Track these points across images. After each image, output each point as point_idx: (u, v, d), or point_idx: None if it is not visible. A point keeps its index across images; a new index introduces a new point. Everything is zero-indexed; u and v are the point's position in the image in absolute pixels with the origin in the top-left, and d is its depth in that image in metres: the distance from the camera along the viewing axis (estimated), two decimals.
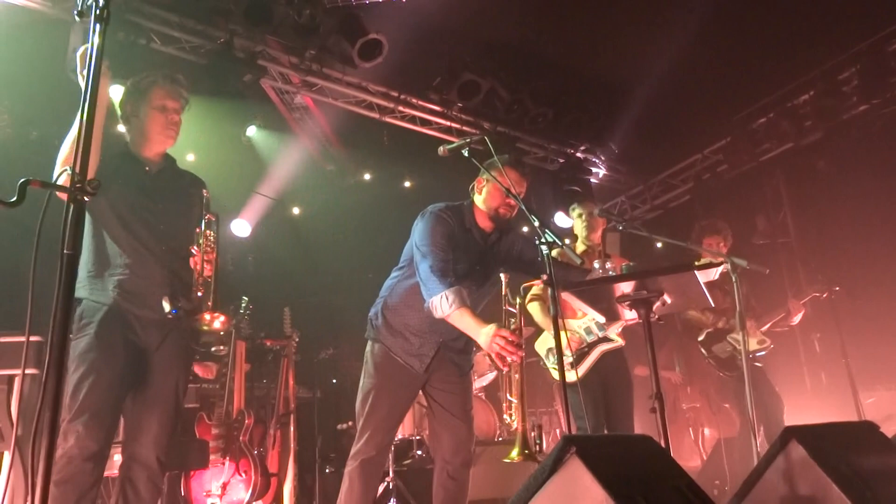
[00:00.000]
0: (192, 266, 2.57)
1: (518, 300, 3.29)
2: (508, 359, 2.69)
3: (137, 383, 2.56)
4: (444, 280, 2.83)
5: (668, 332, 5.49)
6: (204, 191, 2.71)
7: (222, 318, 2.58)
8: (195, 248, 2.59)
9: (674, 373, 6.89)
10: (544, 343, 4.18)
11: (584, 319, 3.97)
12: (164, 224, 2.66)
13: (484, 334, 2.70)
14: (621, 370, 4.04)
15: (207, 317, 2.55)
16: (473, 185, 3.22)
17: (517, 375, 3.12)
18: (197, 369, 4.61)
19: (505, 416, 3.34)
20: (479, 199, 3.19)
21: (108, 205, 2.56)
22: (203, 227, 2.62)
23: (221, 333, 2.66)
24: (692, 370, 6.67)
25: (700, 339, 4.93)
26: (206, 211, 2.66)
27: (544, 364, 4.17)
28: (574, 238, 4.42)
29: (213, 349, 2.65)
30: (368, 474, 2.99)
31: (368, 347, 3.16)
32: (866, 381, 4.99)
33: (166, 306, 2.49)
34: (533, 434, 2.81)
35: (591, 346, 3.98)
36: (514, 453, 2.79)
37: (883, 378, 5.57)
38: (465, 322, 2.79)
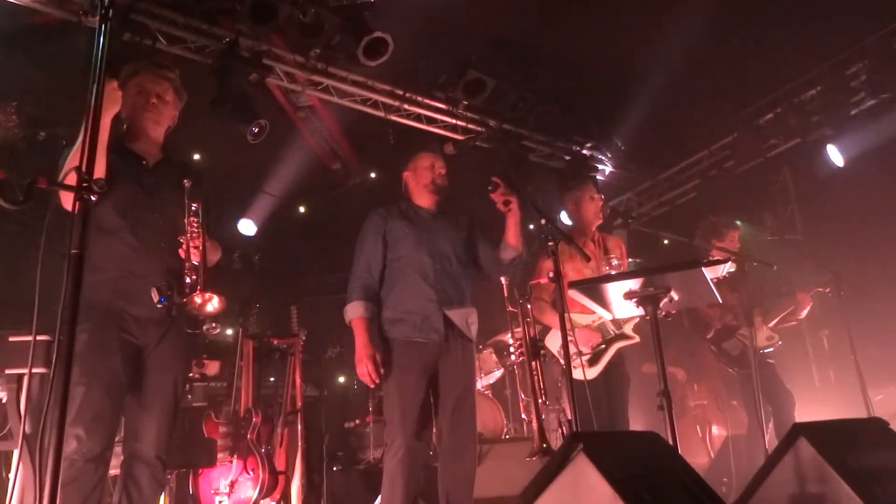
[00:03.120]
0: (181, 255, 2.55)
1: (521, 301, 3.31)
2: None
3: (136, 382, 2.54)
4: (359, 290, 3.26)
5: (675, 330, 5.47)
6: (185, 181, 2.63)
7: (216, 298, 2.52)
8: (182, 237, 2.56)
9: (679, 370, 6.86)
10: (555, 339, 4.08)
11: (594, 316, 3.93)
12: (163, 219, 2.63)
13: (359, 352, 3.08)
14: (621, 367, 4.01)
15: (198, 299, 2.50)
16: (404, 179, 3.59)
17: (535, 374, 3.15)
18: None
19: (522, 415, 3.36)
20: (412, 185, 3.54)
21: (106, 201, 2.49)
22: (188, 216, 2.59)
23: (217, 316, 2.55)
24: (700, 367, 6.64)
25: (709, 336, 4.90)
26: (191, 199, 2.62)
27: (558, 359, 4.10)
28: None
29: (205, 327, 2.55)
30: (408, 466, 2.96)
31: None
32: (875, 377, 4.96)
33: (154, 296, 2.46)
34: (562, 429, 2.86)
35: (609, 342, 3.93)
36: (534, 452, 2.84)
37: (892, 374, 5.54)
38: (357, 332, 3.15)
